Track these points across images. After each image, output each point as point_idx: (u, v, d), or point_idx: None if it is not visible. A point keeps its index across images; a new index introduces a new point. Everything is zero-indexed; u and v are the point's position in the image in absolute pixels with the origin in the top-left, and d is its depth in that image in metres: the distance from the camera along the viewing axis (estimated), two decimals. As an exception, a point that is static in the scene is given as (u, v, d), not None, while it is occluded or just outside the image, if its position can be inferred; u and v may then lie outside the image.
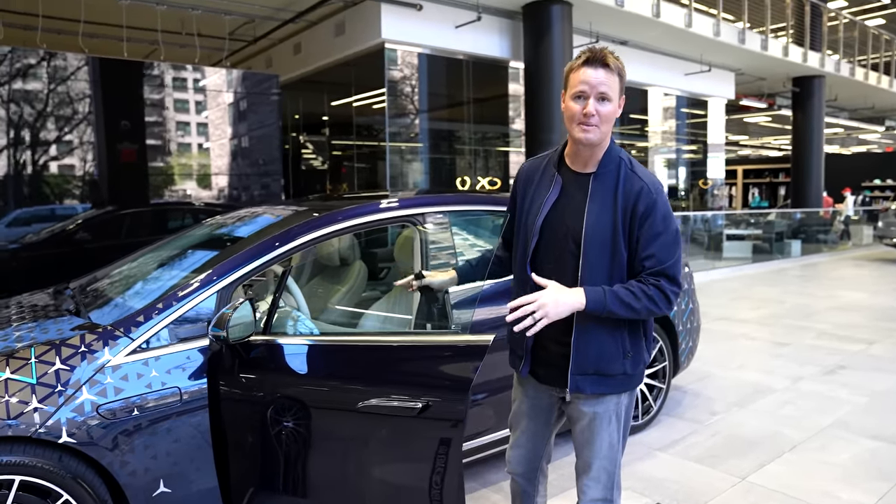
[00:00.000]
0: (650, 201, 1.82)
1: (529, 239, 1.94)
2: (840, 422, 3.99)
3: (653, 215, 1.82)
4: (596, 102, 1.80)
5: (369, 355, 2.05)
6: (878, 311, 7.61)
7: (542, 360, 1.98)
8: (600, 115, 1.80)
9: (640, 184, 1.84)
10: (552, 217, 1.90)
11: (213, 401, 2.31)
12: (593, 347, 1.86)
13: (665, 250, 1.83)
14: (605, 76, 1.80)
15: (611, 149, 1.91)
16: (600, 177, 1.88)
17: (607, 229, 1.83)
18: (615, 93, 1.83)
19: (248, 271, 2.54)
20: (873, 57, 16.96)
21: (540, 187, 1.98)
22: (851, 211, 17.24)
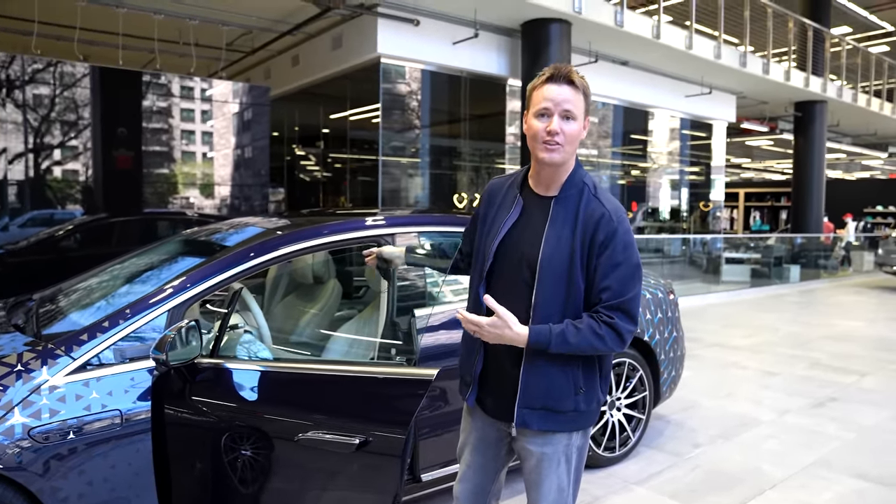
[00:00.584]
0: (610, 230, 1.72)
1: (485, 261, 1.85)
2: (824, 460, 3.86)
3: (612, 245, 1.72)
4: (560, 120, 1.72)
5: (311, 385, 1.95)
6: (873, 340, 7.48)
7: (490, 390, 1.87)
8: (564, 134, 1.72)
9: (602, 210, 1.74)
10: (509, 241, 1.82)
11: (158, 425, 2.21)
12: (542, 381, 1.75)
13: (623, 283, 1.73)
14: (569, 93, 1.73)
15: (575, 172, 1.82)
16: (562, 201, 1.78)
17: (564, 258, 1.73)
18: (580, 111, 1.75)
19: (202, 290, 2.45)
20: (876, 83, 16.91)
21: (501, 208, 1.89)
22: (853, 237, 17.12)
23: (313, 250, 2.82)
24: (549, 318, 1.72)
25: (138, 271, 3.03)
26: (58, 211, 6.95)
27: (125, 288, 2.82)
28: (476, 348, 1.88)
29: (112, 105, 7.10)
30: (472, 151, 10.33)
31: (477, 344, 1.86)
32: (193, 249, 3.11)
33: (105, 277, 3.06)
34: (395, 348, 2.73)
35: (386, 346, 2.74)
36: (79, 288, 3.05)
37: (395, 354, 2.71)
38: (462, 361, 1.98)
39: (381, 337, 2.79)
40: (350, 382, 1.88)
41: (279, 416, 1.99)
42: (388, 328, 2.79)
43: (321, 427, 1.85)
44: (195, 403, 2.16)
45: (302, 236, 2.76)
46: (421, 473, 2.83)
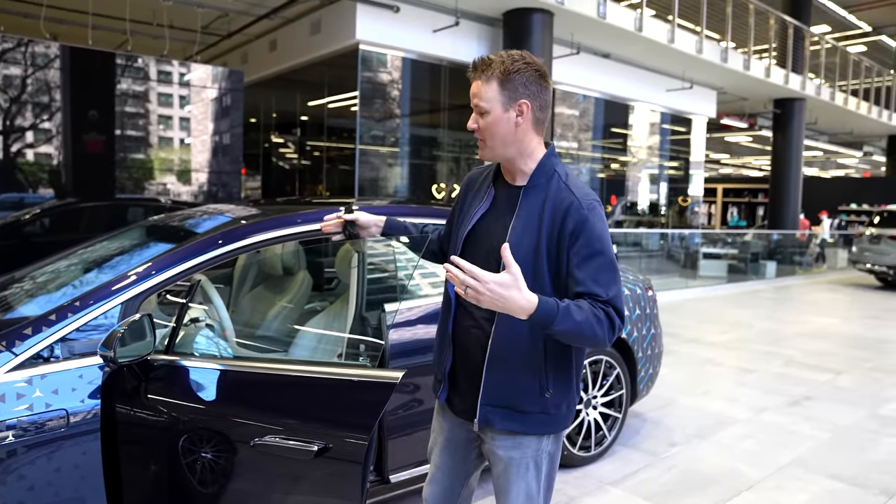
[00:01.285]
0: (580, 218, 1.60)
1: (454, 251, 1.78)
2: (800, 459, 3.83)
3: (584, 234, 1.60)
4: (477, 116, 1.67)
5: (269, 386, 1.83)
6: (847, 338, 7.52)
7: (459, 388, 1.79)
8: (481, 130, 1.66)
9: (570, 199, 1.63)
10: (478, 231, 1.75)
11: (108, 426, 2.07)
12: (507, 379, 1.67)
13: (606, 275, 1.59)
14: (478, 87, 1.66)
15: (545, 161, 1.71)
16: (530, 190, 1.69)
17: (529, 249, 1.63)
18: (493, 102, 1.63)
19: (160, 282, 2.31)
20: (853, 83, 17.06)
21: (475, 198, 1.83)
22: (827, 234, 17.28)
23: (283, 240, 2.69)
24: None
25: (96, 260, 2.88)
26: (27, 195, 6.73)
27: (80, 278, 2.66)
28: (446, 343, 1.80)
29: (83, 87, 6.87)
30: (451, 142, 10.20)
31: (447, 339, 1.79)
32: (157, 237, 2.96)
33: (61, 266, 2.91)
34: (363, 344, 2.62)
35: (354, 343, 2.62)
36: (32, 277, 2.89)
37: (364, 350, 2.60)
38: (435, 357, 1.90)
39: (349, 332, 2.68)
40: (309, 384, 1.76)
41: (235, 419, 1.86)
42: (356, 323, 2.68)
43: (278, 431, 1.73)
44: (148, 403, 2.03)
45: (271, 225, 2.63)
46: (390, 475, 2.72)
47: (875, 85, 18.15)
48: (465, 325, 1.74)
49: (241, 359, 2.20)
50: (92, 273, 2.71)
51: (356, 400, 1.68)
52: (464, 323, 1.75)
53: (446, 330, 1.80)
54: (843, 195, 22.32)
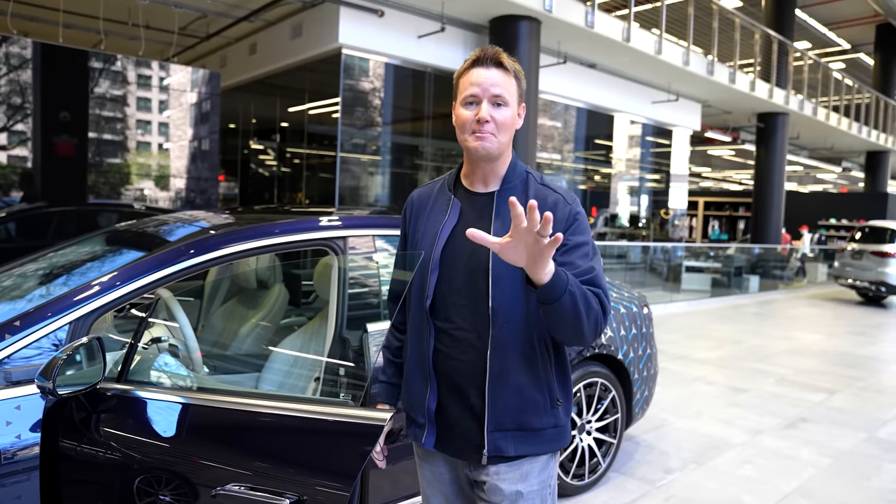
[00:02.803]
0: (569, 212, 1.54)
1: (427, 275, 1.58)
2: (803, 488, 3.64)
3: (574, 226, 1.53)
4: (490, 107, 1.51)
5: (236, 424, 1.58)
6: (835, 355, 7.39)
7: (451, 427, 1.56)
8: (496, 122, 1.51)
9: (555, 196, 1.56)
10: (452, 246, 1.57)
11: (49, 463, 1.81)
12: (513, 396, 1.51)
13: (590, 260, 1.51)
14: (499, 77, 1.52)
15: (515, 163, 1.62)
16: (506, 193, 1.57)
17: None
18: (512, 97, 1.54)
19: (115, 299, 2.06)
20: (834, 99, 17.18)
21: (433, 214, 1.65)
22: (808, 248, 17.33)
23: (258, 252, 2.45)
24: (510, 322, 1.50)
25: (49, 271, 2.60)
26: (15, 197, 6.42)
27: (27, 292, 2.39)
28: (424, 378, 1.58)
29: (55, 87, 6.57)
30: (434, 151, 9.99)
31: (425, 373, 1.57)
32: (120, 246, 2.69)
33: (6, 278, 2.63)
34: (343, 369, 2.38)
35: (333, 367, 2.37)
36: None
37: (343, 376, 2.35)
38: (408, 397, 1.64)
39: (328, 355, 2.43)
40: (282, 424, 1.51)
41: (195, 460, 1.61)
42: (336, 345, 2.43)
43: (246, 478, 1.48)
44: (97, 438, 1.77)
45: (246, 235, 2.39)
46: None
47: (855, 102, 18.31)
48: (450, 351, 1.54)
49: (204, 390, 1.94)
50: (41, 287, 2.44)
51: (337, 445, 1.43)
52: (448, 349, 1.54)
53: (423, 362, 1.57)
54: (823, 210, 22.48)
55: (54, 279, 2.45)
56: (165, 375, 2.04)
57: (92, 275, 2.27)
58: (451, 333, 1.54)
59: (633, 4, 9.77)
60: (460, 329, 1.53)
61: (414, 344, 1.62)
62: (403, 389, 1.68)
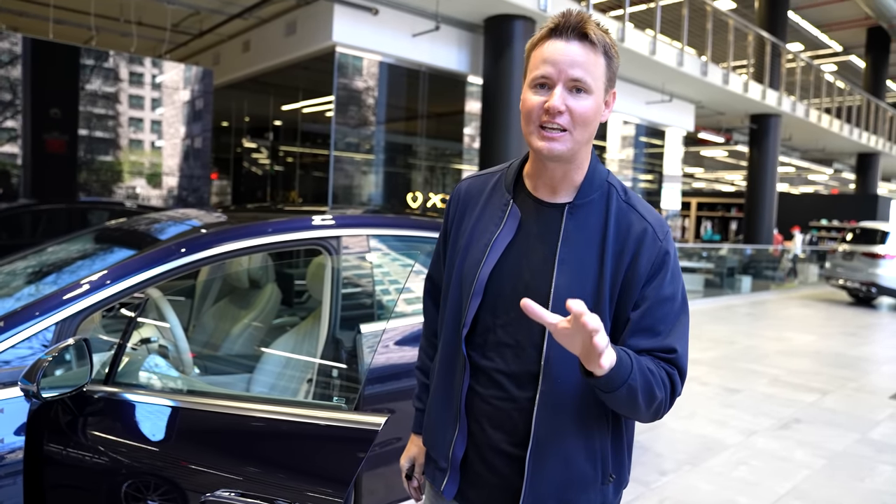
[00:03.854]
0: (658, 252, 1.21)
1: (466, 298, 1.27)
2: (798, 490, 3.63)
3: (661, 273, 1.21)
4: (566, 94, 1.16)
5: (224, 428, 1.54)
6: (828, 356, 7.41)
7: (477, 481, 1.29)
8: (573, 115, 1.16)
9: (643, 225, 1.22)
10: (504, 268, 1.24)
11: (34, 468, 1.77)
12: (559, 467, 1.21)
13: (677, 327, 1.21)
14: (580, 53, 1.15)
15: (595, 169, 1.27)
16: (580, 210, 1.24)
17: (588, 292, 1.19)
18: (598, 82, 1.18)
19: (103, 299, 2.01)
20: (826, 101, 17.25)
21: (484, 219, 1.32)
22: (799, 249, 17.40)
23: (250, 252, 2.41)
24: (565, 378, 1.19)
25: (36, 270, 2.56)
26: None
27: (13, 291, 2.35)
28: (453, 418, 1.29)
29: (45, 84, 6.51)
30: (428, 150, 9.95)
31: (454, 412, 1.29)
32: (110, 244, 2.65)
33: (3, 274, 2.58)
34: (337, 370, 2.34)
35: (326, 369, 2.34)
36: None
37: (336, 378, 2.32)
38: (431, 434, 1.37)
39: (321, 356, 2.40)
40: (274, 428, 1.48)
41: (185, 464, 1.57)
42: (329, 346, 2.40)
43: (237, 483, 1.45)
44: (84, 441, 1.73)
45: (239, 234, 2.35)
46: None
47: (846, 104, 18.39)
48: (488, 394, 1.25)
49: (194, 393, 1.90)
50: (28, 286, 2.39)
51: (330, 450, 1.40)
52: (485, 391, 1.25)
53: (454, 400, 1.29)
54: (814, 211, 22.59)
55: (41, 278, 2.41)
56: (154, 377, 2.00)
57: (80, 274, 2.23)
58: (488, 373, 1.25)
59: (628, 5, 9.77)
60: (501, 373, 1.24)
61: (443, 374, 1.34)
62: (425, 422, 1.41)
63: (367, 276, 2.63)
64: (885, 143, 20.75)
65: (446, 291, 1.36)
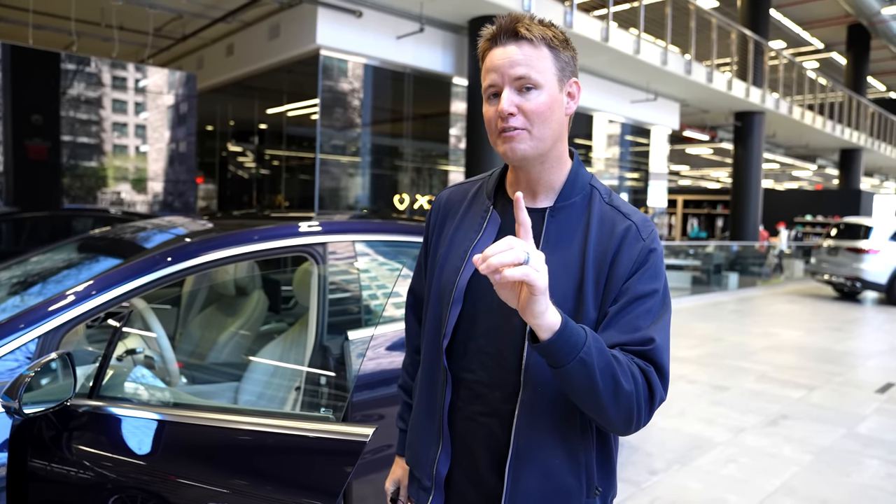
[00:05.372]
0: (641, 249, 1.16)
1: (446, 308, 1.23)
2: (787, 486, 3.65)
3: (643, 269, 1.16)
4: (515, 95, 1.13)
5: (210, 441, 1.53)
6: (814, 351, 7.47)
7: (461, 500, 1.25)
8: (526, 113, 1.13)
9: (625, 223, 1.19)
10: (483, 275, 1.13)
11: (17, 484, 1.74)
12: (540, 479, 1.16)
13: (656, 323, 1.15)
14: (518, 52, 1.13)
15: (577, 173, 1.25)
16: (561, 213, 1.21)
17: (569, 294, 1.15)
18: (546, 74, 1.14)
19: (87, 310, 1.99)
20: (809, 98, 17.41)
21: (464, 226, 1.29)
22: (785, 245, 17.55)
23: (236, 260, 2.39)
24: (547, 385, 1.15)
25: (18, 282, 2.53)
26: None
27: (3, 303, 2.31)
28: (436, 436, 1.25)
29: (26, 90, 6.45)
30: (414, 152, 9.95)
31: (437, 430, 1.25)
32: (93, 254, 2.62)
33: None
34: (324, 378, 2.33)
35: (314, 377, 2.33)
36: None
37: (324, 385, 2.30)
38: (414, 452, 1.32)
39: (308, 364, 2.38)
40: (260, 439, 1.47)
41: (172, 478, 1.56)
42: (316, 354, 2.38)
43: (222, 497, 1.43)
44: (69, 457, 1.71)
45: (221, 243, 2.33)
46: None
47: (829, 101, 18.57)
48: (470, 411, 1.22)
49: (180, 406, 1.89)
50: (10, 298, 2.36)
51: (318, 462, 1.39)
52: (468, 408, 1.22)
53: (436, 418, 1.25)
54: (799, 207, 22.79)
55: (23, 290, 2.37)
56: (140, 389, 1.98)
57: (64, 285, 2.20)
58: (470, 387, 1.22)
59: (612, 4, 9.81)
60: (482, 383, 1.20)
61: (424, 389, 1.30)
62: (409, 439, 1.36)
63: (354, 282, 2.61)
64: (867, 138, 20.97)
65: (427, 303, 1.33)
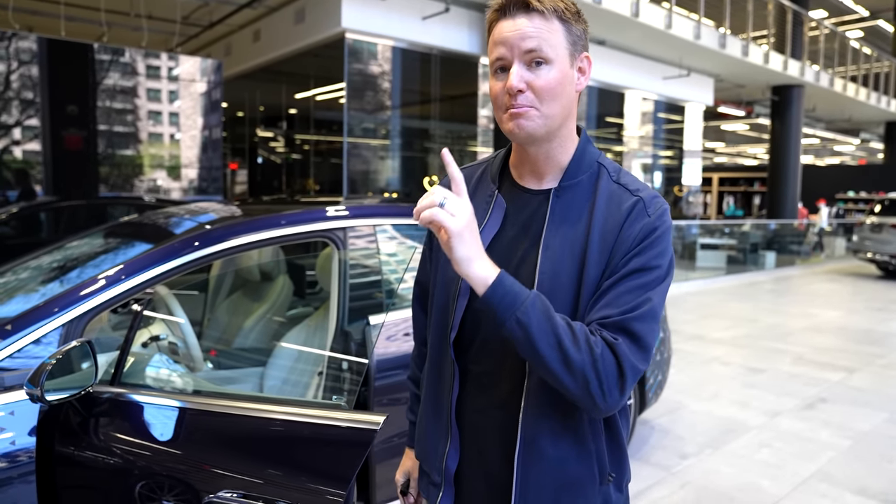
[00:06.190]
0: (644, 226, 1.09)
1: (453, 299, 1.19)
2: (823, 472, 3.56)
3: (644, 244, 1.08)
4: (524, 70, 1.07)
5: (226, 428, 1.53)
6: (855, 332, 7.27)
7: (471, 494, 1.22)
8: (536, 90, 1.07)
9: (631, 199, 1.12)
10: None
11: (46, 469, 1.78)
12: (549, 469, 1.12)
13: (639, 297, 1.06)
14: (529, 25, 1.06)
15: (584, 150, 1.18)
16: (566, 192, 1.15)
17: (573, 273, 1.10)
18: (558, 49, 1.08)
19: (110, 298, 2.01)
20: (852, 69, 16.81)
21: None
22: (825, 223, 17.08)
23: (256, 246, 2.39)
24: None
25: (45, 271, 2.57)
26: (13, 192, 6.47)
27: (24, 292, 2.36)
28: (444, 430, 1.22)
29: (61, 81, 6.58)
30: (443, 133, 9.88)
31: (445, 424, 1.21)
32: (122, 241, 2.65)
33: (4, 279, 2.59)
34: (346, 363, 2.33)
35: (336, 362, 2.33)
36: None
37: (345, 370, 2.30)
38: (423, 446, 1.30)
39: (330, 349, 2.38)
40: (274, 427, 1.46)
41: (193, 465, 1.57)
42: (338, 339, 2.38)
43: (236, 483, 1.44)
44: (93, 442, 1.73)
45: (242, 230, 2.33)
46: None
47: (874, 71, 17.91)
48: (478, 403, 1.19)
49: (198, 394, 1.90)
50: (37, 287, 2.40)
51: (331, 448, 1.38)
52: (475, 401, 1.19)
53: (444, 412, 1.22)
54: (840, 183, 22.12)
55: (49, 279, 2.41)
56: (161, 376, 2.00)
57: (88, 273, 2.23)
58: (477, 379, 1.18)
59: (643, -22, 9.56)
60: (488, 374, 1.17)
61: (431, 382, 1.27)
62: (417, 433, 1.34)
63: (375, 266, 2.60)
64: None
65: (433, 294, 1.29)
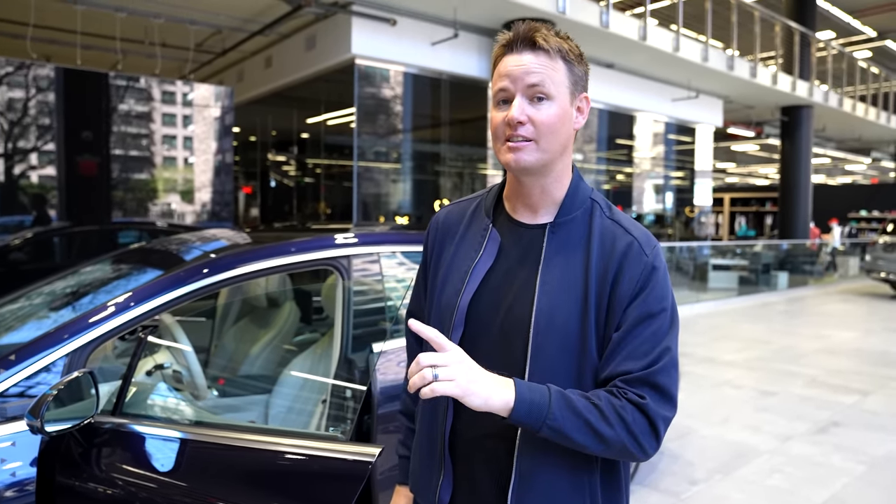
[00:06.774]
0: (643, 268, 1.13)
1: (447, 332, 1.19)
2: (836, 498, 3.50)
3: (647, 289, 1.12)
4: (526, 103, 1.12)
5: (223, 460, 1.54)
6: (870, 354, 7.17)
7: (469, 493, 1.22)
8: (536, 124, 1.12)
9: (627, 238, 1.15)
10: (484, 295, 1.19)
11: (47, 499, 1.79)
12: (544, 502, 1.13)
13: (660, 342, 1.10)
14: (534, 61, 1.12)
15: (577, 186, 1.21)
16: (561, 229, 1.18)
17: (573, 314, 1.12)
18: (559, 87, 1.13)
19: (114, 328, 2.03)
20: (861, 88, 16.78)
21: (464, 246, 1.26)
22: (838, 242, 16.94)
23: (260, 275, 2.41)
24: None
25: (51, 299, 2.60)
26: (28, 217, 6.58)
27: (29, 321, 2.39)
28: (438, 460, 1.22)
29: (76, 108, 6.72)
30: (453, 157, 9.94)
31: (439, 455, 1.21)
32: (129, 268, 2.68)
33: (13, 307, 2.63)
34: (350, 391, 2.33)
35: (339, 390, 2.33)
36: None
37: (348, 399, 2.30)
38: (416, 479, 1.30)
39: (333, 377, 2.39)
40: (271, 459, 1.47)
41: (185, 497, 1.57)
42: (342, 366, 2.39)
43: (237, 516, 1.44)
44: (94, 473, 1.74)
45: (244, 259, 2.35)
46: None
47: (883, 90, 17.86)
48: (474, 434, 1.18)
49: (199, 424, 1.91)
50: (49, 314, 2.43)
51: (327, 480, 1.39)
52: (470, 431, 1.19)
53: (437, 443, 1.22)
54: (852, 202, 21.99)
55: (57, 306, 2.44)
56: (164, 405, 2.02)
57: (96, 301, 2.25)
58: (471, 411, 1.12)
59: (649, 2, 9.63)
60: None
61: (426, 414, 1.27)
62: (411, 465, 1.33)
63: (380, 294, 2.61)
64: (926, 129, 20.10)
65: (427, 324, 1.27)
